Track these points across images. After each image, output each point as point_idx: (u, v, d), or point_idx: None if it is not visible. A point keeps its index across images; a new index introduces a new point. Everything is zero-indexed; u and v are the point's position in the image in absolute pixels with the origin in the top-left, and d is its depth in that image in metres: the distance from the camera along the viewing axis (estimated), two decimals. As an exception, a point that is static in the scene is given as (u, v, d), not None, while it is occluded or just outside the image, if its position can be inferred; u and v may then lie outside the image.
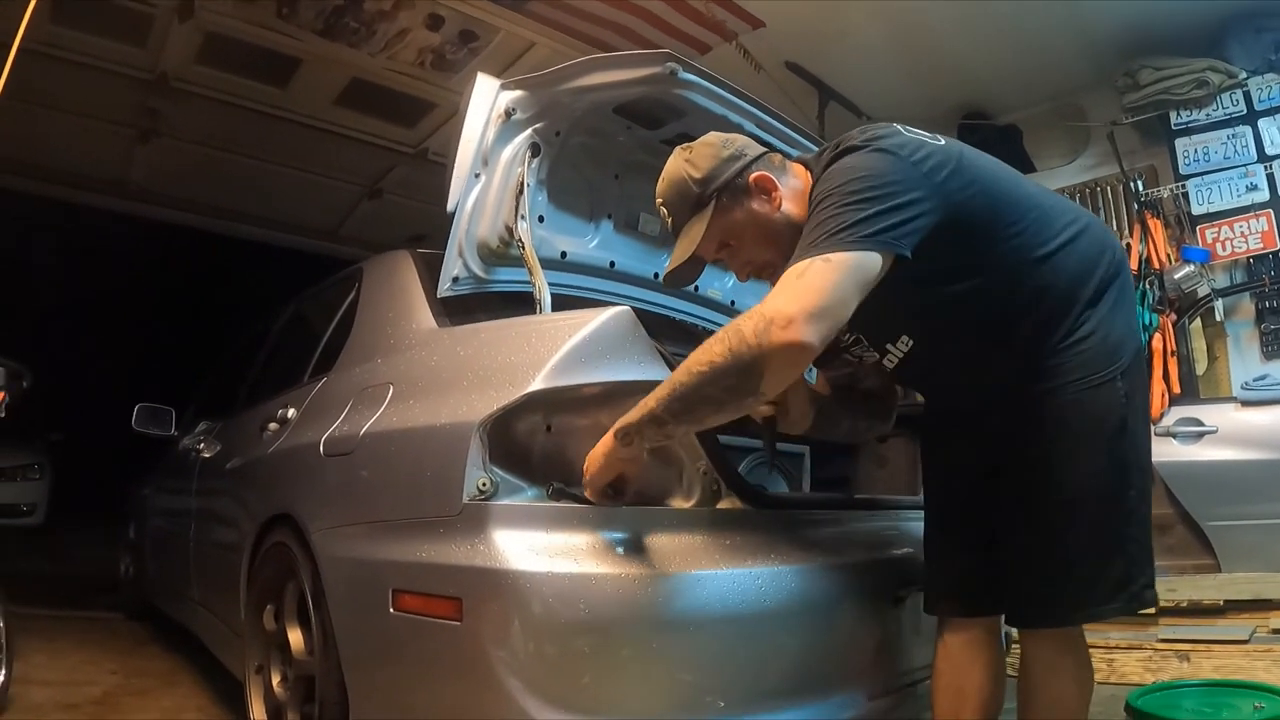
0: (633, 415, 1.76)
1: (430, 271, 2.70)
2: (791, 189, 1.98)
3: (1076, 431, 1.89)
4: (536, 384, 1.84)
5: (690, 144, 2.05)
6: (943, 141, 1.91)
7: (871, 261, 1.69)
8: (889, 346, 2.05)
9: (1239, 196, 5.19)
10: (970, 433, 2.10)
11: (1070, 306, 1.91)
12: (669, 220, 2.04)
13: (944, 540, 2.21)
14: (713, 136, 2.05)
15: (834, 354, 2.17)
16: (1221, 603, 4.01)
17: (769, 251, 1.98)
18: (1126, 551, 1.93)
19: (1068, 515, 1.90)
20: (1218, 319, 5.28)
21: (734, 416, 1.75)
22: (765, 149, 2.04)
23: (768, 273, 2.01)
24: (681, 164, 2.00)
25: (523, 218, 2.61)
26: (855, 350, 2.15)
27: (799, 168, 2.04)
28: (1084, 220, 2.04)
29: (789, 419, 2.15)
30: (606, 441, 1.81)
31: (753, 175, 1.96)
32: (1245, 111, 5.24)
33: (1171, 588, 4.18)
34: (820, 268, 1.66)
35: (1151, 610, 3.88)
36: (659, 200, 2.05)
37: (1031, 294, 1.91)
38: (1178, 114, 5.40)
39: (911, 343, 2.02)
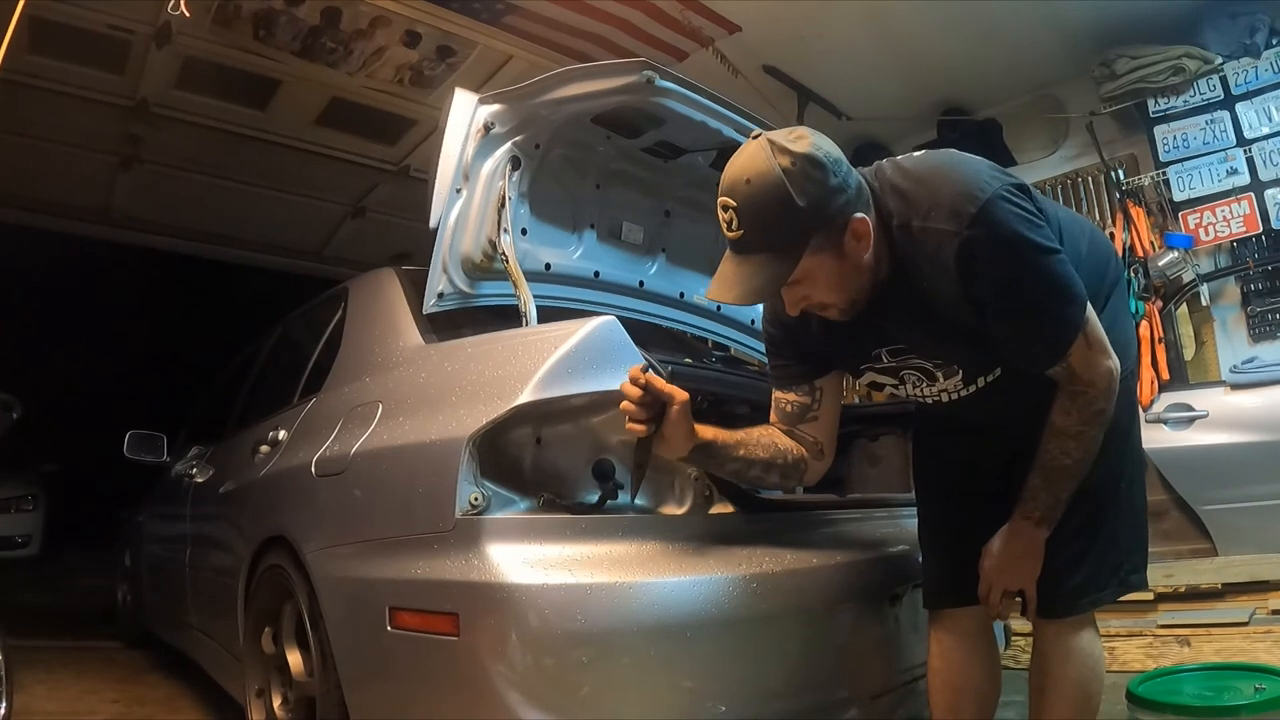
0: (1037, 506, 1.90)
1: (415, 288, 2.70)
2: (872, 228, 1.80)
3: None
4: (525, 396, 1.84)
5: (784, 144, 1.71)
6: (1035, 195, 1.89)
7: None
8: (980, 379, 1.99)
9: (1219, 181, 5.20)
10: (977, 432, 2.12)
11: None
12: (737, 231, 1.74)
13: (943, 532, 2.23)
14: (816, 148, 1.72)
15: (852, 370, 2.13)
16: (1219, 586, 4.02)
17: (836, 295, 1.84)
18: (1119, 540, 2.02)
19: (1077, 510, 1.94)
20: (1204, 304, 5.30)
21: None
22: (857, 173, 1.82)
23: (819, 310, 1.90)
24: (780, 177, 1.68)
25: (505, 231, 2.62)
26: (905, 375, 2.06)
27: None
28: (1089, 229, 2.11)
29: (666, 443, 1.85)
30: (1023, 532, 1.92)
31: (855, 217, 1.74)
32: (1222, 96, 5.25)
33: (1169, 573, 4.18)
34: (1092, 325, 1.82)
35: (1150, 596, 3.91)
36: (731, 200, 1.73)
37: None
38: (1155, 102, 5.41)
39: (1000, 372, 1.98)
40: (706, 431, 1.92)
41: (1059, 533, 1.94)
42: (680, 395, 1.82)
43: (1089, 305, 1.82)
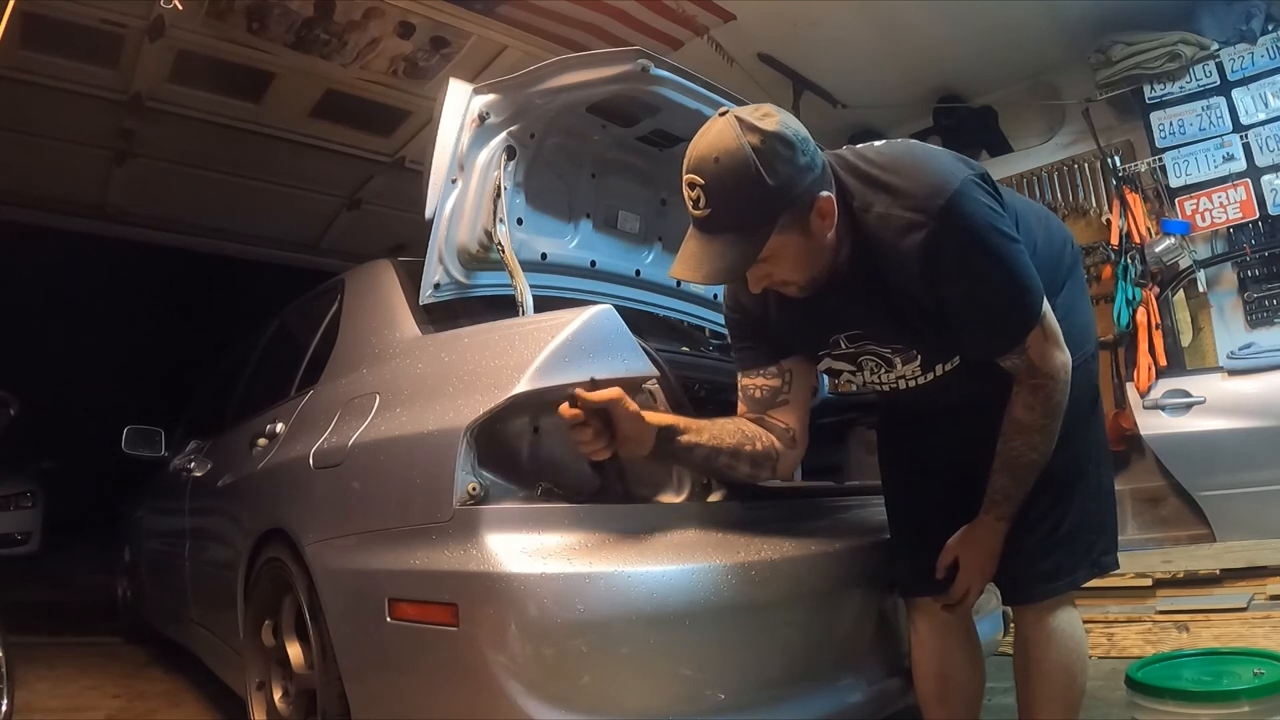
0: (1010, 505, 1.95)
1: (412, 279, 2.70)
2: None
3: None
4: (522, 386, 1.84)
5: (753, 121, 1.68)
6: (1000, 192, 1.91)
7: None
8: (939, 367, 1.98)
9: (1216, 167, 5.20)
10: (946, 420, 2.12)
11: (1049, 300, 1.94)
12: (705, 209, 1.71)
13: (909, 521, 2.23)
14: (785, 126, 1.70)
15: (812, 356, 2.08)
16: (1218, 572, 4.02)
17: (800, 273, 1.83)
18: (1089, 522, 2.04)
19: (1049, 493, 1.97)
20: (1201, 290, 5.30)
21: None
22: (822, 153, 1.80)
23: (780, 287, 1.88)
24: (750, 156, 1.65)
25: (501, 221, 2.61)
26: (863, 361, 2.03)
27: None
28: (1044, 216, 2.16)
29: (626, 442, 1.81)
30: (997, 530, 1.96)
31: (821, 196, 1.73)
32: (1218, 82, 5.25)
33: (1167, 559, 4.19)
34: (1048, 318, 1.85)
35: (1148, 581, 3.92)
36: (698, 178, 1.69)
37: None
38: (1151, 88, 5.41)
39: (958, 360, 1.97)
40: (662, 419, 1.88)
41: (1025, 518, 1.96)
42: (614, 393, 1.77)
43: (1044, 298, 1.84)
